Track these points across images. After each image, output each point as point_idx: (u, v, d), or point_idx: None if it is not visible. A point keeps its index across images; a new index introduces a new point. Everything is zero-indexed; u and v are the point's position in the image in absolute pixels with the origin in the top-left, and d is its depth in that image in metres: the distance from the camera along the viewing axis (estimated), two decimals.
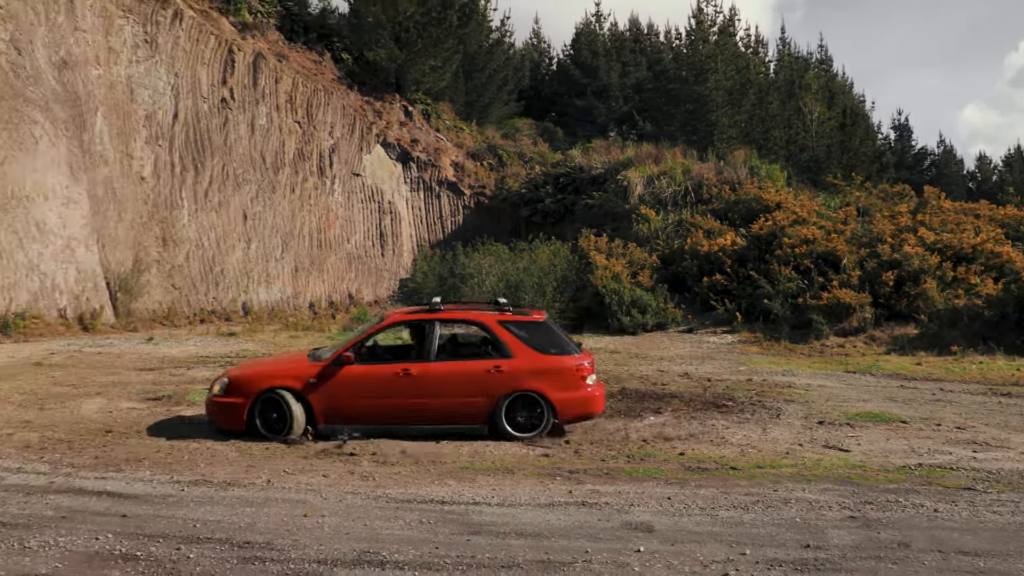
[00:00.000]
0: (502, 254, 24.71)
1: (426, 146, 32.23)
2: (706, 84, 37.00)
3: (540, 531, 6.92)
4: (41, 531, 6.64)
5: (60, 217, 22.88)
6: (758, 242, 22.56)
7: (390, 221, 30.40)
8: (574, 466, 9.35)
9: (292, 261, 27.73)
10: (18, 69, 23.07)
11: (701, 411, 12.50)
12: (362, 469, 9.06)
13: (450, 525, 7.04)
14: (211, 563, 6.00)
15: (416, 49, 32.99)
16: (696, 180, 26.91)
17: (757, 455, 9.96)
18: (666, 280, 22.79)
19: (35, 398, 13.01)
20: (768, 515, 7.45)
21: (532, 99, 45.67)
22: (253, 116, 28.37)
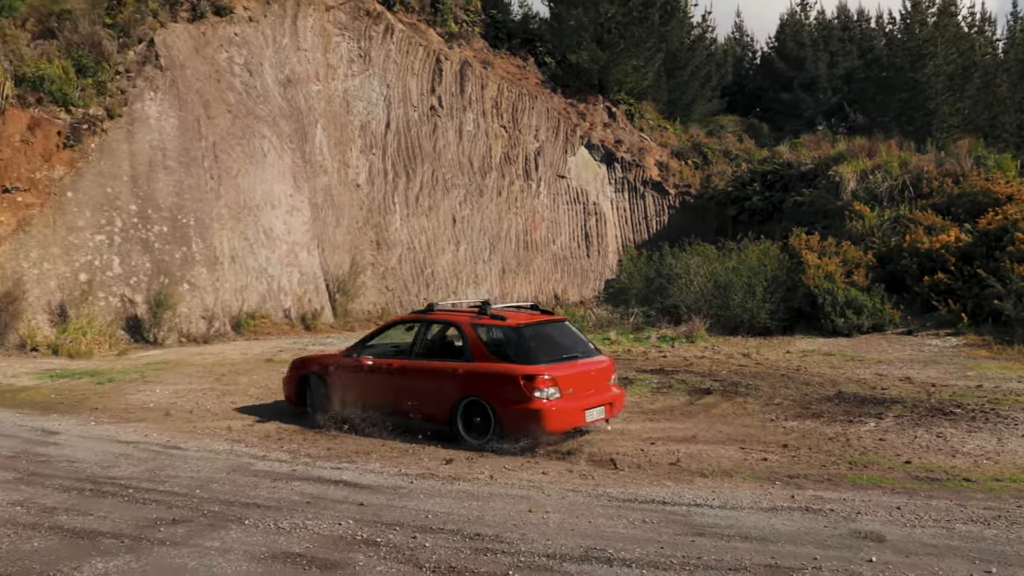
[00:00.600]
0: (709, 254, 24.31)
1: (630, 146, 32.23)
2: (924, 70, 34.98)
3: (765, 535, 6.81)
4: (291, 514, 7.17)
5: (285, 224, 24.48)
6: (986, 238, 21.06)
7: (595, 222, 30.61)
8: (793, 471, 9.13)
9: (499, 262, 28.44)
10: (250, 89, 24.87)
11: (926, 418, 11.87)
12: (580, 468, 9.21)
13: (673, 526, 7.05)
14: (446, 552, 6.29)
15: (618, 50, 33.04)
16: (914, 173, 25.45)
17: (993, 467, 9.37)
18: (882, 280, 21.68)
19: (269, 391, 14.00)
20: (1014, 532, 6.99)
21: (735, 95, 44.74)
22: (460, 122, 29.30)
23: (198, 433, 10.87)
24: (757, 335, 20.95)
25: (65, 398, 13.49)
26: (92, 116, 21.56)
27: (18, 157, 19.93)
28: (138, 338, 20.50)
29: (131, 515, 7.11)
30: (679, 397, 13.69)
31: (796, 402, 13.14)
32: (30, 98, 20.85)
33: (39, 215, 19.98)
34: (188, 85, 23.56)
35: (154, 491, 7.90)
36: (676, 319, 22.09)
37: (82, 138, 21.13)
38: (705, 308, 21.76)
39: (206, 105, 23.71)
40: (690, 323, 21.10)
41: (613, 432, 11.09)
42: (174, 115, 23.09)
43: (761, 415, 12.23)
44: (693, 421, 11.79)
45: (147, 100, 22.75)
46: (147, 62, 23.32)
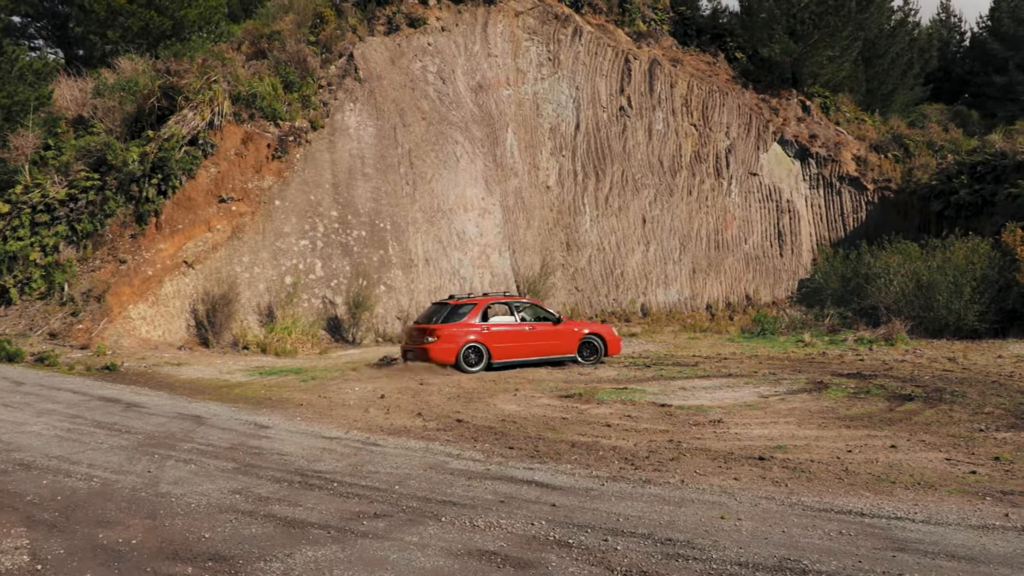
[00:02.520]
0: (911, 252, 23.13)
1: (825, 141, 31.09)
2: None
3: (975, 555, 6.46)
4: (485, 512, 7.41)
5: (477, 226, 25.16)
6: None
7: (788, 220, 29.72)
8: (1006, 486, 8.58)
9: (689, 263, 28.11)
10: (442, 96, 25.72)
11: None
12: (773, 475, 9.02)
13: (872, 539, 6.81)
14: (637, 556, 6.34)
15: (812, 41, 31.94)
16: None
17: None
18: None
19: (462, 391, 14.46)
20: None
21: (941, 81, 42.25)
22: (650, 122, 29.16)
23: (395, 430, 11.39)
24: (964, 338, 19.78)
25: (273, 394, 14.45)
26: (297, 128, 22.94)
27: (233, 169, 21.49)
28: (338, 337, 21.65)
29: (336, 507, 7.57)
30: (878, 403, 13.14)
31: (1009, 411, 12.34)
32: (243, 114, 22.42)
33: (250, 222, 21.45)
34: (384, 95, 24.64)
35: (356, 485, 8.36)
36: (874, 321, 21.17)
37: (288, 149, 22.52)
38: (906, 309, 20.73)
39: (401, 113, 24.71)
40: (889, 325, 20.17)
41: (807, 437, 10.79)
42: (372, 124, 24.21)
43: (969, 424, 11.55)
44: (893, 429, 11.29)
45: (347, 111, 23.96)
46: (347, 75, 24.57)
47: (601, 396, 14.03)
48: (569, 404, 13.43)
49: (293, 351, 19.86)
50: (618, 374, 16.73)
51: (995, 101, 39.58)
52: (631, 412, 12.64)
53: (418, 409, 13.03)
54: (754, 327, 22.74)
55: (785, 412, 12.54)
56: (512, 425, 11.73)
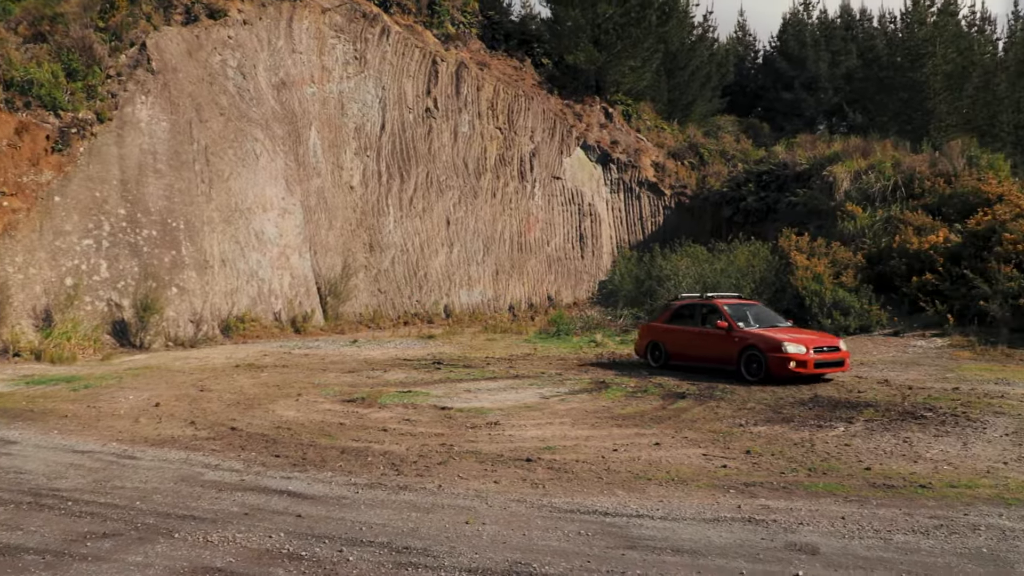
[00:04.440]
0: (699, 255, 24.26)
1: (626, 147, 32.15)
2: (923, 70, 34.83)
3: (698, 548, 6.76)
4: (224, 527, 7.15)
5: (277, 227, 24.53)
6: (974, 239, 20.97)
7: (590, 223, 30.55)
8: (751, 479, 9.06)
9: (493, 264, 28.42)
10: (243, 92, 24.93)
11: (896, 422, 11.81)
12: (536, 476, 9.16)
13: (608, 538, 7.01)
14: (368, 566, 6.23)
15: (616, 51, 32.99)
16: (907, 173, 25.33)
17: (952, 473, 9.28)
18: (871, 280, 21.63)
19: (243, 398, 14.04)
20: (950, 543, 6.93)
21: (737, 95, 44.61)
22: (456, 124, 29.29)
23: (160, 441, 10.90)
24: None
25: (36, 405, 13.55)
26: (81, 120, 21.66)
27: (4, 162, 20.04)
28: (124, 342, 20.60)
29: (62, 529, 7.11)
30: (652, 402, 13.66)
31: (769, 406, 13.10)
32: (18, 102, 20.97)
33: (25, 220, 20.08)
34: (180, 88, 23.63)
35: (94, 503, 7.90)
36: None
37: (71, 142, 21.23)
38: None
39: (198, 108, 23.78)
40: None
41: (578, 437, 11.07)
42: (165, 119, 23.17)
43: (731, 420, 12.18)
44: (661, 427, 11.74)
45: (138, 104, 22.83)
46: (139, 65, 23.42)
47: (384, 400, 13.92)
48: (350, 409, 13.25)
49: (72, 357, 18.73)
50: (406, 376, 16.67)
51: (783, 116, 42.15)
52: (411, 416, 12.60)
53: (192, 417, 12.53)
54: (550, 328, 23.24)
55: (562, 413, 12.81)
56: (286, 432, 11.45)
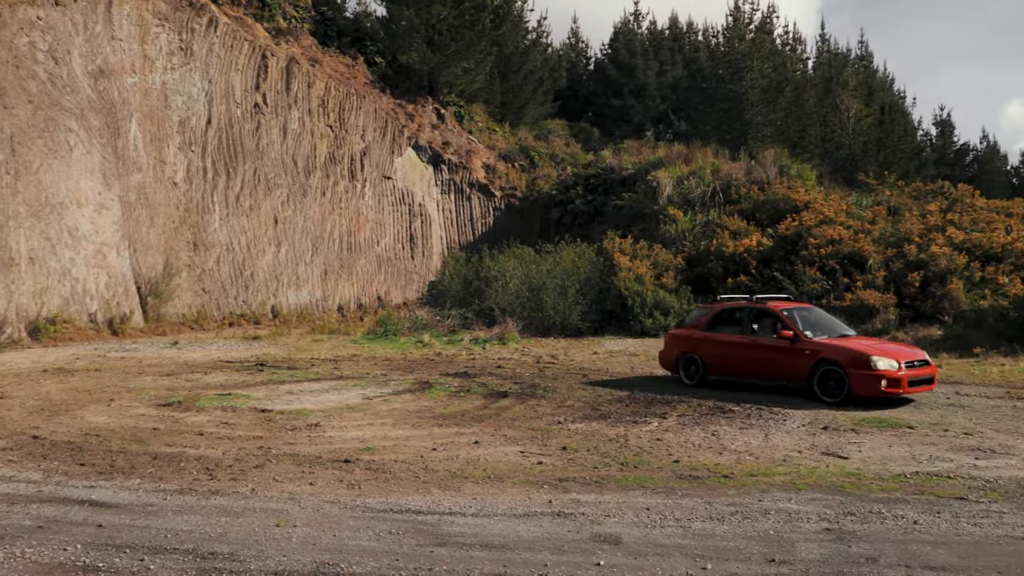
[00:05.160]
0: (527, 257, 24.71)
1: (458, 148, 32.35)
2: (741, 82, 36.65)
3: (506, 543, 6.90)
4: (13, 542, 6.77)
5: (92, 223, 23.36)
6: (784, 242, 22.33)
7: (420, 224, 30.57)
8: (565, 474, 9.31)
9: (322, 264, 28.02)
10: (55, 79, 23.61)
11: (706, 416, 12.42)
12: (354, 477, 9.12)
13: (418, 536, 7.06)
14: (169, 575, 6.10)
15: (449, 52, 33.15)
16: (725, 180, 26.67)
17: (753, 462, 9.84)
18: (691, 282, 22.65)
19: (49, 404, 13.32)
20: (743, 527, 7.36)
21: (569, 99, 45.63)
22: (285, 121, 28.71)
23: None
24: (569, 336, 21.44)
25: None
26: None
27: None
28: None
29: None
30: (475, 401, 13.82)
31: (588, 403, 13.50)
32: None
33: None
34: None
35: None
36: (491, 321, 22.36)
37: None
38: (519, 310, 22.13)
39: (2, 93, 22.36)
40: (503, 325, 21.41)
41: (399, 438, 11.08)
42: None
43: (550, 417, 12.47)
44: (482, 425, 11.90)
45: None
46: None
47: (202, 403, 13.51)
48: (166, 413, 12.79)
49: None
50: (228, 379, 16.23)
51: (613, 121, 43.44)
52: (229, 419, 12.28)
53: None
54: (378, 329, 23.14)
55: (385, 413, 12.79)
56: (95, 439, 10.94)
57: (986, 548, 6.84)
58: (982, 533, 7.21)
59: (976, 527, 7.37)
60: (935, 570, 6.32)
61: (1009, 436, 11.12)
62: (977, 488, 8.68)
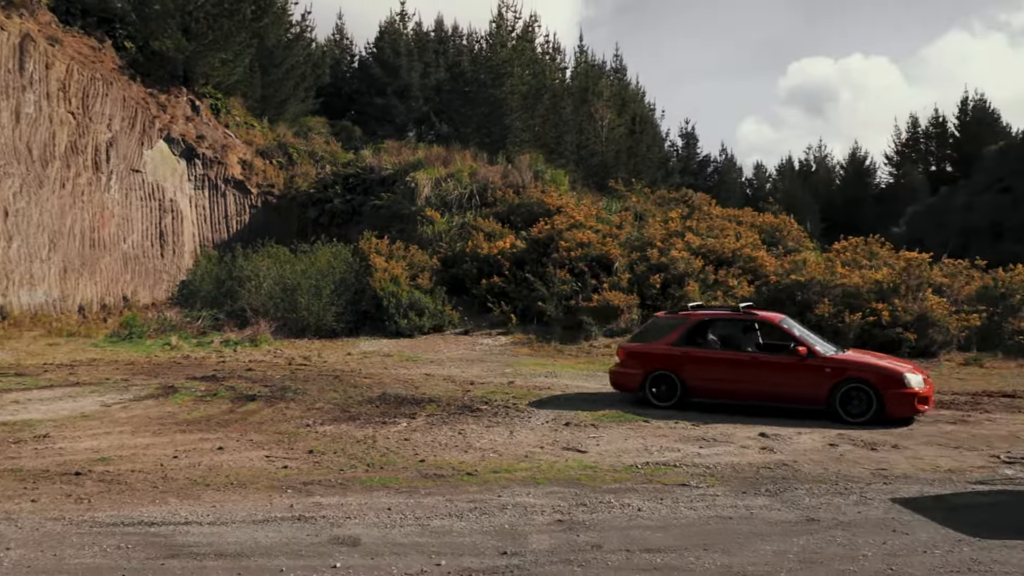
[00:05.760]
0: (282, 256, 24.20)
1: (213, 142, 31.15)
2: (502, 88, 37.59)
3: (242, 550, 6.81)
4: None
5: None
6: (536, 245, 23.18)
7: (171, 220, 29.16)
8: (310, 477, 9.26)
9: (60, 262, 26.12)
10: None
11: (455, 415, 12.69)
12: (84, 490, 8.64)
13: (149, 549, 6.82)
14: None
15: (206, 41, 31.83)
16: (482, 183, 27.29)
17: (497, 459, 10.18)
18: (446, 283, 23.04)
19: None
20: (479, 522, 7.63)
21: (332, 96, 45.02)
22: (18, 103, 26.53)
23: None
24: (323, 337, 21.26)
25: None
26: None
27: None
28: None
29: None
30: (222, 405, 13.43)
31: (338, 405, 13.45)
32: None
33: None
34: None
35: None
36: (244, 322, 21.76)
37: None
38: (273, 311, 21.70)
39: None
40: (256, 326, 20.90)
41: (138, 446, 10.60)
42: None
43: (299, 420, 12.34)
44: (227, 430, 11.60)
45: None
46: None
47: None
48: None
49: None
50: None
51: (376, 121, 43.30)
52: None
53: None
54: (123, 331, 21.93)
55: (123, 421, 12.18)
56: None
57: (698, 528, 7.47)
58: (696, 515, 7.87)
59: (692, 510, 8.02)
60: (652, 552, 6.83)
61: (730, 426, 12.14)
62: (698, 475, 9.44)
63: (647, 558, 6.69)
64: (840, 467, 9.85)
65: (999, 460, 10.37)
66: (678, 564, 6.56)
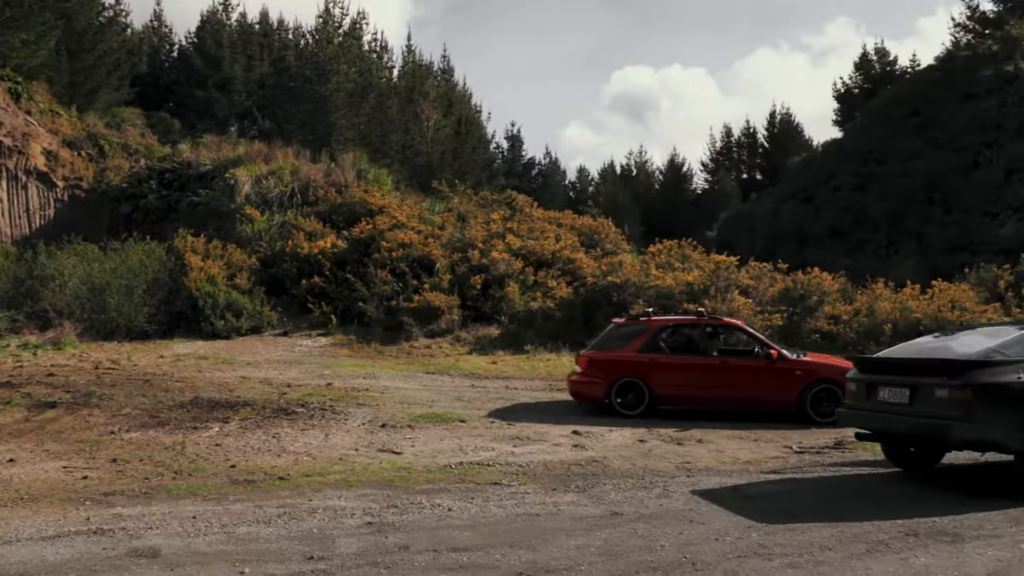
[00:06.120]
0: (90, 254, 22.93)
1: (12, 129, 29.17)
2: (327, 84, 37.08)
3: (27, 570, 6.42)
4: None
5: None
6: (358, 245, 23.08)
7: None
8: (112, 488, 8.87)
9: None
10: None
11: (270, 419, 12.44)
12: None
13: None
14: None
15: (3, 18, 29.80)
16: (304, 181, 26.86)
17: (311, 463, 10.06)
18: (265, 283, 22.58)
19: None
20: (287, 527, 7.51)
21: (149, 87, 43.15)
22: None
23: None
24: (135, 339, 20.38)
25: None
26: None
27: None
28: None
29: None
30: (16, 414, 12.68)
31: (146, 411, 12.94)
32: None
33: None
34: None
35: None
36: (46, 324, 20.54)
37: None
38: (79, 312, 20.59)
39: None
40: (60, 328, 19.77)
41: None
42: None
43: (103, 428, 11.81)
44: (21, 440, 10.96)
45: None
46: None
47: None
48: None
49: None
50: None
51: (196, 113, 41.84)
52: None
53: None
54: None
55: None
56: None
57: (506, 526, 7.61)
58: (504, 513, 8.01)
59: (501, 508, 8.17)
60: (459, 551, 6.91)
61: (544, 424, 12.45)
62: (511, 473, 9.63)
63: (454, 557, 6.76)
64: (648, 462, 10.27)
65: (791, 451, 11.10)
66: (484, 562, 6.67)
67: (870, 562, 6.44)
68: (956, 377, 8.40)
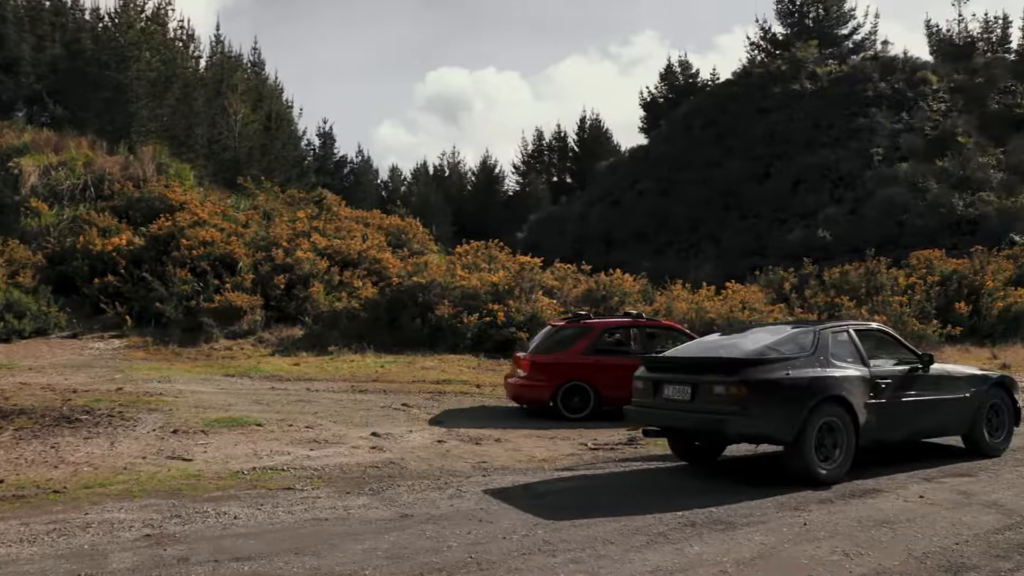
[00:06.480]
0: None
1: None
2: (127, 72, 35.24)
3: None
4: None
5: None
6: (156, 243, 22.12)
7: None
8: None
9: None
10: None
11: (49, 428, 11.68)
12: None
13: None
14: None
15: None
16: (99, 174, 25.49)
17: (92, 474, 9.53)
18: (53, 281, 21.28)
19: None
20: (55, 545, 7.06)
21: None
22: None
23: None
24: None
25: None
26: None
27: None
28: None
29: None
30: None
31: None
32: None
33: None
34: None
35: None
36: None
37: None
38: None
39: None
40: None
41: None
42: None
43: None
44: None
45: None
46: None
47: None
48: None
49: None
50: None
51: None
52: None
53: None
54: None
55: None
56: None
57: (292, 532, 7.45)
58: (293, 519, 7.85)
59: (289, 514, 7.99)
60: (242, 560, 6.71)
61: (344, 426, 12.32)
62: (305, 477, 9.45)
63: (235, 567, 6.57)
64: (445, 462, 10.32)
65: (586, 448, 11.45)
66: (267, 571, 6.51)
67: (648, 553, 6.72)
68: (732, 375, 8.95)
